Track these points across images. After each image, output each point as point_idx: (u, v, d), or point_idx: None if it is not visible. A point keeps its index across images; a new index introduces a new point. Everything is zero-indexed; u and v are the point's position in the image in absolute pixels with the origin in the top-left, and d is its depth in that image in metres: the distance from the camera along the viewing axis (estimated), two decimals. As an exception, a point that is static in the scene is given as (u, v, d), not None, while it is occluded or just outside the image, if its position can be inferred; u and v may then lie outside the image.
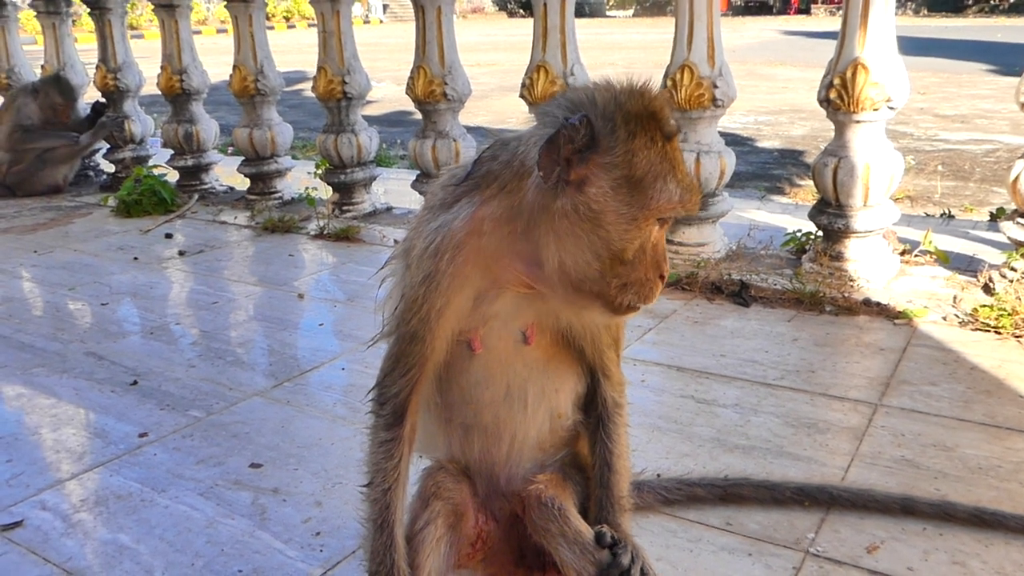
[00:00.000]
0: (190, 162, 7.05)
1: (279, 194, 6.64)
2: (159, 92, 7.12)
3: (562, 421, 1.99)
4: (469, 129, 5.91)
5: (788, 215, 5.82)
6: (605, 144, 1.54)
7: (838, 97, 4.14)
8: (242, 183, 6.95)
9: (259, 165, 6.59)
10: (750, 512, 2.51)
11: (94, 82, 7.64)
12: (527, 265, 1.70)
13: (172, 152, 7.16)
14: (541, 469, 2.00)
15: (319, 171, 6.20)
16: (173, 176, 7.06)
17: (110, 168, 7.84)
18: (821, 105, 4.30)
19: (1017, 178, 3.99)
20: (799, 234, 4.66)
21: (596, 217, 1.55)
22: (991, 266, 4.15)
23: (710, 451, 2.85)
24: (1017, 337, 3.57)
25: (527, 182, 1.63)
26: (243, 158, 6.71)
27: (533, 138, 1.64)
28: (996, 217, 5.22)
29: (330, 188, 6.29)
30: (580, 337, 1.89)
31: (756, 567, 2.28)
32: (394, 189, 6.82)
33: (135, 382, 3.62)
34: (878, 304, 3.98)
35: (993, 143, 9.62)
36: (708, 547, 2.37)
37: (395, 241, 5.45)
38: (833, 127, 4.33)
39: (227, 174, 7.35)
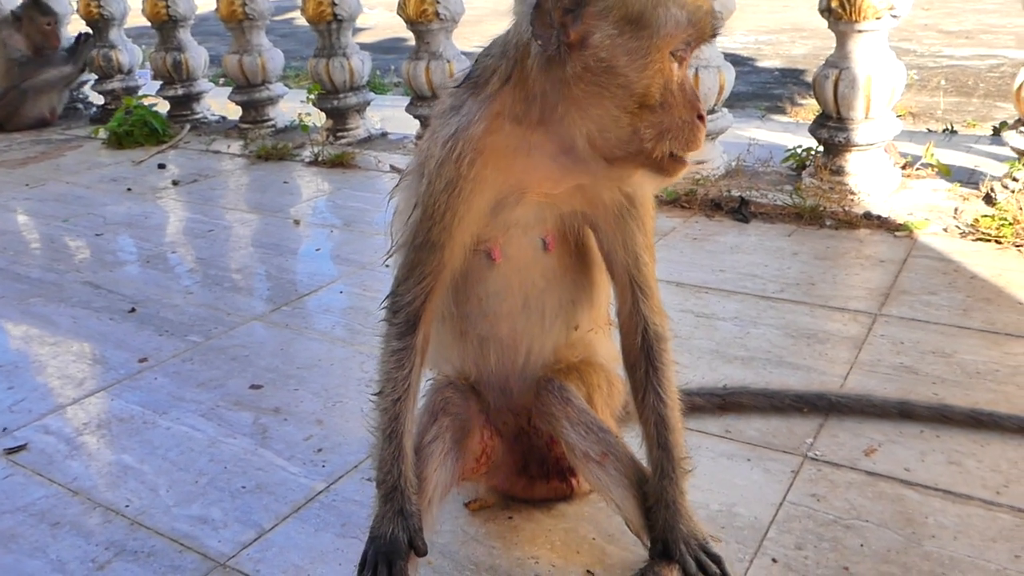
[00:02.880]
0: (180, 91, 6.93)
1: (272, 122, 6.55)
2: (147, 25, 6.97)
3: (579, 333, 1.98)
4: (464, 55, 5.79)
5: (788, 133, 5.75)
6: None
7: (840, 6, 4.03)
8: (234, 112, 6.84)
9: (250, 92, 6.47)
10: (749, 420, 2.52)
11: (77, 11, 7.46)
12: (555, 157, 1.65)
13: (162, 82, 7.04)
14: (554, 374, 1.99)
15: (311, 96, 6.10)
16: (164, 107, 6.96)
17: (99, 100, 7.72)
18: (822, 15, 4.19)
19: (1021, 87, 3.91)
20: (799, 150, 4.59)
21: (610, 66, 1.49)
22: (993, 177, 4.10)
23: (709, 362, 2.86)
24: (1018, 246, 3.55)
25: (528, 63, 1.58)
26: (234, 86, 6.60)
27: (520, 19, 1.59)
28: (999, 131, 5.13)
29: (323, 115, 6.20)
30: (611, 240, 1.82)
31: (755, 471, 2.30)
32: (389, 116, 6.72)
33: (133, 309, 3.61)
34: (879, 217, 3.94)
35: (997, 58, 9.45)
36: (708, 453, 2.38)
37: (391, 167, 5.39)
38: (835, 40, 4.22)
39: (219, 105, 7.22)
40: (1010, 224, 3.62)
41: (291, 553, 2.12)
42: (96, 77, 7.60)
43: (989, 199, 3.94)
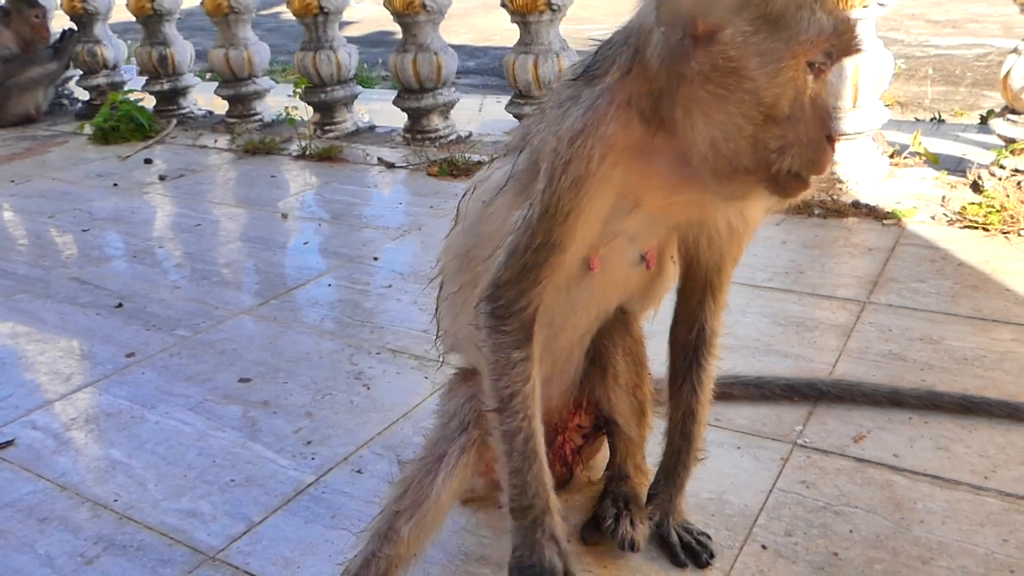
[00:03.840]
0: (166, 86, 6.88)
1: (259, 116, 6.51)
2: (132, 19, 6.91)
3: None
4: (452, 47, 5.76)
5: (776, 123, 5.73)
6: None
7: (827, -5, 4.03)
8: (221, 107, 6.80)
9: (237, 87, 6.44)
10: (739, 408, 2.52)
11: (61, 6, 7.39)
12: (674, 166, 1.52)
13: (147, 77, 6.99)
14: None
15: (298, 90, 6.07)
16: (150, 102, 6.91)
17: (84, 96, 7.67)
18: (809, 4, 4.18)
19: (1008, 74, 3.92)
20: (787, 139, 4.58)
21: (738, 68, 1.35)
22: (980, 165, 4.11)
23: (698, 351, 2.85)
24: (1005, 233, 3.56)
25: (648, 52, 1.44)
26: (220, 81, 6.56)
27: (645, 3, 1.46)
28: (986, 119, 5.14)
29: (311, 108, 6.17)
30: (707, 253, 1.74)
31: (744, 459, 2.30)
32: (377, 109, 6.69)
33: (120, 305, 3.59)
34: (867, 206, 3.95)
35: (984, 47, 9.47)
36: (697, 442, 2.38)
37: (379, 159, 5.37)
38: (821, 28, 4.22)
39: (206, 99, 7.18)
40: (997, 211, 3.64)
41: (281, 545, 2.12)
42: (81, 73, 7.53)
43: (976, 187, 3.95)
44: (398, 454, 2.36)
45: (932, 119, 5.70)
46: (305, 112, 6.28)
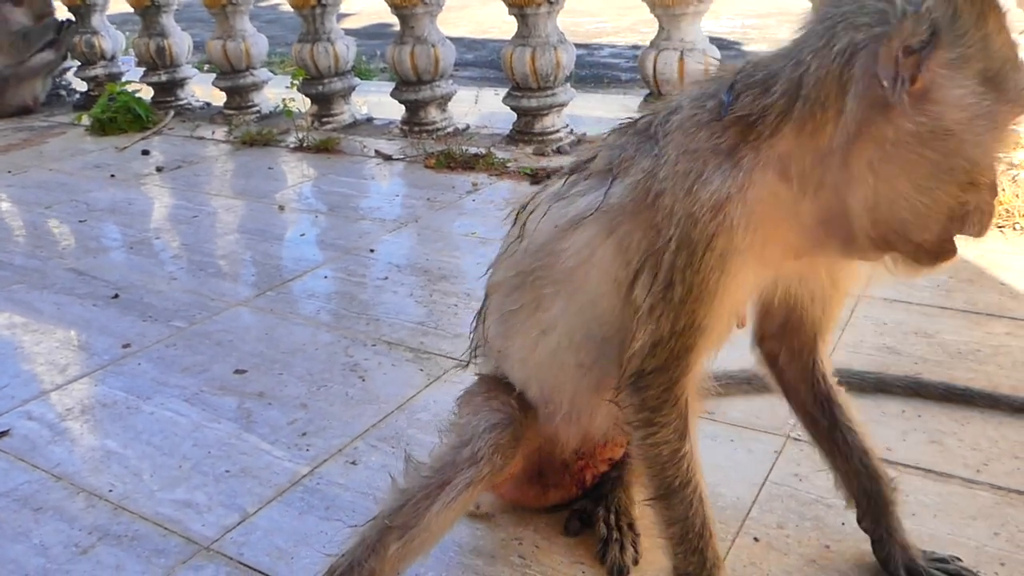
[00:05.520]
0: (164, 77, 6.87)
1: (257, 108, 6.51)
2: (130, 11, 6.90)
3: None
4: (449, 39, 5.75)
5: (774, 117, 5.73)
6: (949, 35, 1.19)
7: (824, -12, 4.03)
8: (219, 98, 6.80)
9: (235, 78, 6.43)
10: (732, 401, 2.52)
11: (59, -4, 7.39)
12: (813, 226, 1.38)
13: (145, 68, 6.99)
14: None
15: (296, 81, 6.06)
16: (148, 93, 6.90)
17: (82, 87, 7.66)
18: (807, -2, 4.18)
19: (1005, 68, 3.92)
20: (784, 133, 4.59)
21: (953, 133, 1.21)
22: (977, 160, 4.11)
23: (693, 345, 2.86)
24: (1000, 227, 3.56)
25: (847, 107, 1.25)
26: (218, 72, 6.55)
27: (823, 48, 1.27)
28: (984, 113, 5.15)
29: (308, 100, 6.16)
30: (811, 307, 1.68)
31: (738, 452, 2.31)
32: (375, 101, 6.69)
33: (116, 295, 3.59)
34: (863, 200, 3.95)
35: (983, 42, 9.46)
36: (690, 435, 2.39)
37: (376, 151, 5.37)
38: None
39: (204, 91, 7.17)
40: (993, 206, 3.64)
41: (275, 536, 2.12)
42: (79, 63, 7.54)
43: (973, 181, 3.95)
44: (404, 447, 2.34)
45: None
46: (303, 104, 6.27)
